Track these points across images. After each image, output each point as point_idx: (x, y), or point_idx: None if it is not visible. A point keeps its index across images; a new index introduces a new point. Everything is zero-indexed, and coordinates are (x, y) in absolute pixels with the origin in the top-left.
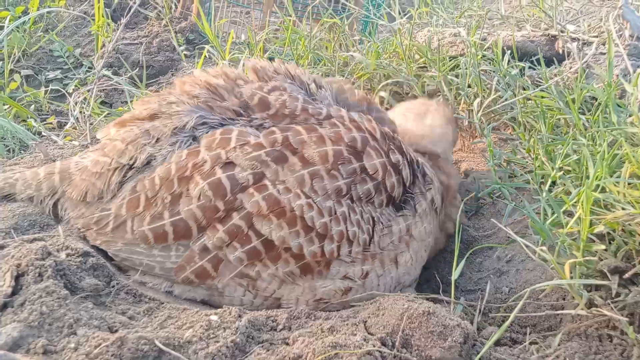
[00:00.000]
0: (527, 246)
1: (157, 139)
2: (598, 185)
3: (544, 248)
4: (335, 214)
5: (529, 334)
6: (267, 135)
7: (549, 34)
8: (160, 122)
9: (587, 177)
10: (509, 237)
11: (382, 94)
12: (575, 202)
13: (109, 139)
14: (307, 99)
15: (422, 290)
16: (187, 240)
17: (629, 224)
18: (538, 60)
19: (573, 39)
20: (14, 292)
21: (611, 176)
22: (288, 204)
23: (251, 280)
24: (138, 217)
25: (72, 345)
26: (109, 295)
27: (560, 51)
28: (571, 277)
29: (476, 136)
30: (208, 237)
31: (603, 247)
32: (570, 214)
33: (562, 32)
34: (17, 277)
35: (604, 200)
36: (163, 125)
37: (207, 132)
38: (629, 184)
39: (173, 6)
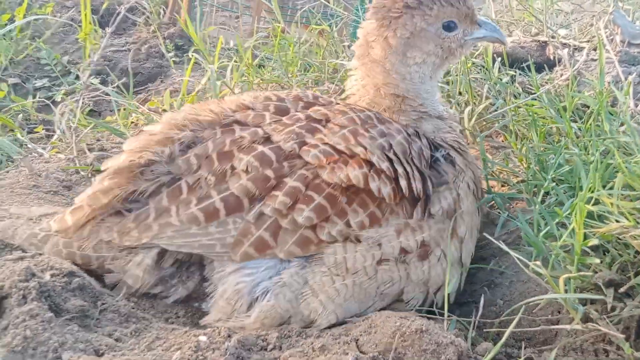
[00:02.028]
0: (520, 259)
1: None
2: (591, 197)
3: (538, 263)
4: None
5: (524, 348)
6: (292, 116)
7: (539, 39)
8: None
9: (581, 188)
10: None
11: None
12: (568, 214)
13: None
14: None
15: None
16: (240, 213)
17: (623, 237)
18: (529, 67)
19: (564, 45)
20: None
21: (604, 187)
22: (349, 150)
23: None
24: (182, 202)
25: None
26: (95, 317)
27: (552, 57)
28: (566, 291)
29: (468, 144)
30: (265, 205)
31: (597, 260)
32: (563, 225)
33: (552, 37)
34: (1, 300)
35: (597, 212)
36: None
37: None
38: (622, 195)
39: (162, 11)
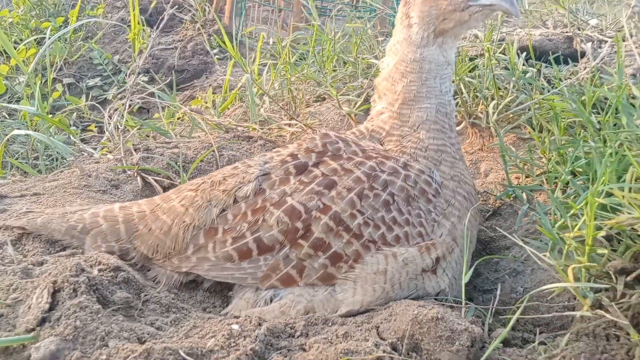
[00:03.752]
0: (535, 250)
1: None
2: (604, 190)
3: (547, 254)
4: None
5: (539, 333)
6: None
7: (566, 32)
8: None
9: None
10: (525, 236)
11: None
12: (583, 206)
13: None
14: None
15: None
16: (271, 253)
17: (632, 228)
18: (558, 59)
19: (588, 39)
20: (51, 308)
21: (618, 180)
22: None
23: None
24: (218, 241)
25: (104, 357)
26: (138, 308)
27: (579, 49)
28: (577, 279)
29: (495, 137)
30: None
31: (606, 251)
32: (580, 217)
33: (578, 29)
34: (54, 294)
35: (609, 204)
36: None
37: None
38: (634, 188)
39: (207, 8)
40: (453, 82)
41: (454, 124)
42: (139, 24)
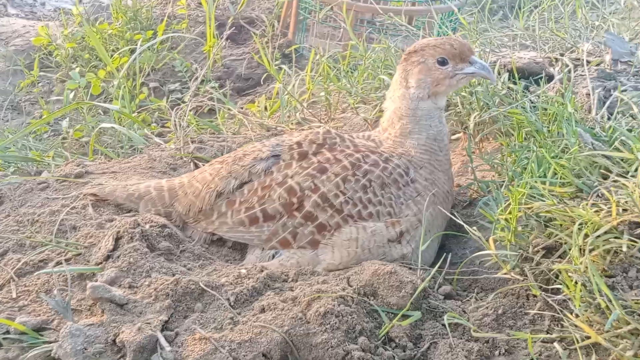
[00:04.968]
0: (470, 230)
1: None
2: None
3: (475, 228)
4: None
5: (477, 293)
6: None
7: (549, 56)
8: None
9: (531, 176)
10: (487, 221)
11: None
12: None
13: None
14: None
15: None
16: (273, 221)
17: (549, 212)
18: (541, 79)
19: (565, 63)
20: (114, 249)
21: (545, 176)
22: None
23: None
24: (235, 210)
25: (147, 283)
26: (176, 254)
27: (559, 71)
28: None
29: (481, 142)
30: (288, 220)
31: (527, 229)
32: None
33: (561, 54)
34: (117, 240)
35: (532, 194)
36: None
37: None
38: (553, 182)
39: (275, 24)
40: (448, 100)
41: (445, 145)
42: (214, 37)
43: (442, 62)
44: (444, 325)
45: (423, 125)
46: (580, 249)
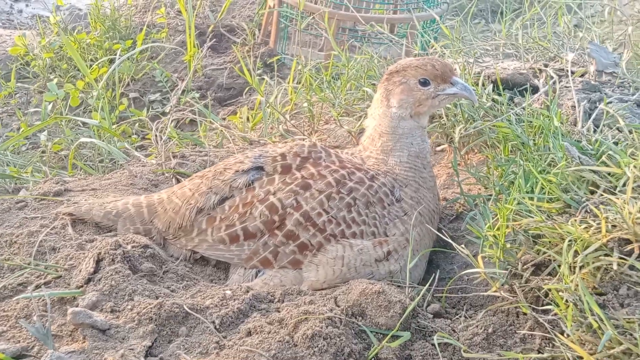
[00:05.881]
0: (457, 246)
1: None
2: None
3: (463, 245)
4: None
5: (466, 310)
6: (291, 176)
7: (533, 67)
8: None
9: (519, 192)
10: (475, 236)
11: None
12: (498, 211)
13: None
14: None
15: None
16: (253, 239)
17: (536, 228)
18: (526, 90)
19: (549, 74)
20: (95, 271)
21: (532, 191)
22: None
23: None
24: (215, 227)
25: (129, 307)
26: (159, 275)
27: (544, 83)
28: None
29: (466, 154)
30: (269, 239)
31: (516, 245)
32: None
33: (545, 66)
34: (98, 262)
35: (520, 210)
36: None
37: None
38: (541, 198)
39: (257, 32)
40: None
41: (428, 162)
42: (194, 47)
43: (424, 83)
44: (433, 345)
45: (404, 143)
46: (570, 267)
